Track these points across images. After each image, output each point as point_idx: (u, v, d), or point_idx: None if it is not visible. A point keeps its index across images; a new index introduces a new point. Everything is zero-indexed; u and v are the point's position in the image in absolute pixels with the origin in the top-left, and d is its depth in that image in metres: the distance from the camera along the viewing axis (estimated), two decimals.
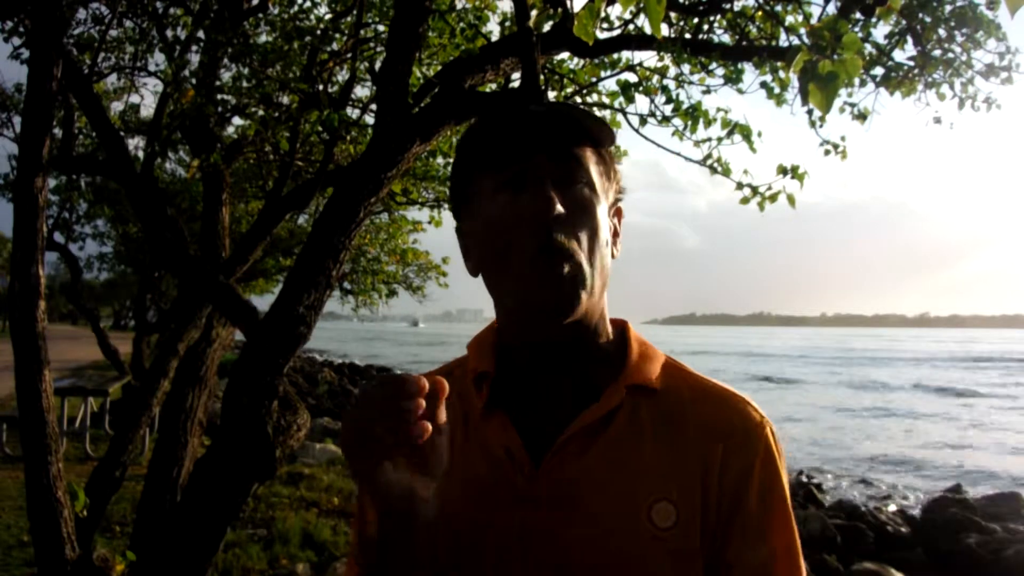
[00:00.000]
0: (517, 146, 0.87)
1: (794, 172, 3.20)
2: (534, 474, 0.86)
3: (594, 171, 0.90)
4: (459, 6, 4.13)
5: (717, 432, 0.87)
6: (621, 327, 0.97)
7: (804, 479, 11.81)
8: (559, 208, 0.84)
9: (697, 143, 3.46)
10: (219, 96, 4.10)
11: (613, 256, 0.93)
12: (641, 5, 3.20)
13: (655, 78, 3.74)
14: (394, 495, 0.76)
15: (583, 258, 0.86)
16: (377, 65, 3.90)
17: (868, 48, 3.34)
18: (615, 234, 0.95)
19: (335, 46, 4.12)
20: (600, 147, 0.92)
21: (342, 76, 4.41)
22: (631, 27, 3.60)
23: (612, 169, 0.94)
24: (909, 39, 3.24)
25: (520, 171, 0.87)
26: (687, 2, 3.60)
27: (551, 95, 4.02)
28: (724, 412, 0.89)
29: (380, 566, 0.81)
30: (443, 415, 0.76)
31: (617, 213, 0.96)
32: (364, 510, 0.97)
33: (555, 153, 0.88)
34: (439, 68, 4.00)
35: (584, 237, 0.87)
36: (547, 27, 2.95)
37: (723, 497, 0.84)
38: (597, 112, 4.19)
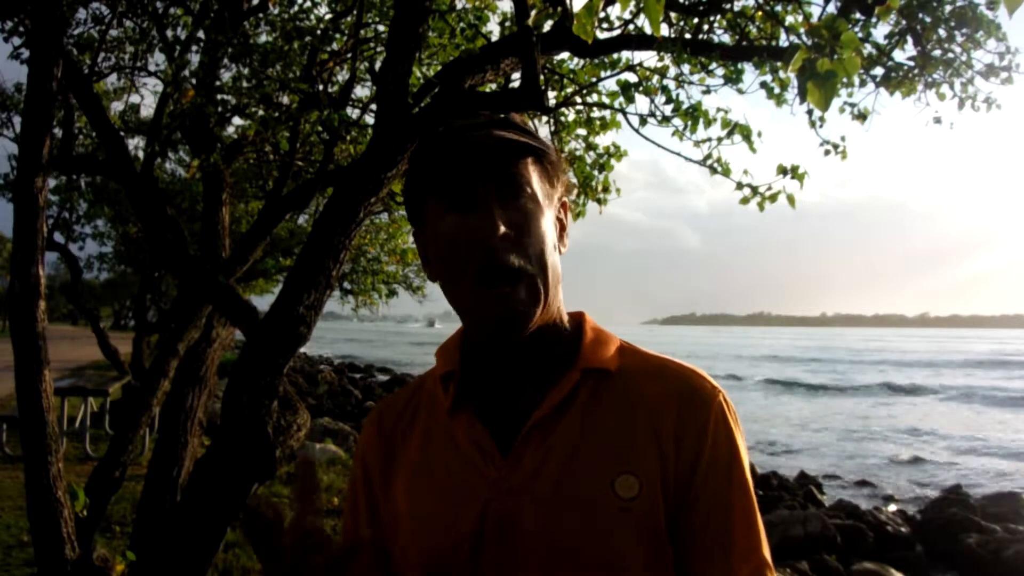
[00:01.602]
0: (460, 171, 0.92)
1: (794, 172, 3.21)
2: (503, 464, 0.91)
3: (536, 181, 0.95)
4: (459, 6, 4.13)
5: (670, 402, 0.92)
6: (578, 319, 1.02)
7: (804, 479, 11.81)
8: (503, 229, 0.89)
9: (697, 143, 3.46)
10: (219, 96, 4.10)
11: (561, 252, 0.98)
12: (640, 5, 3.20)
13: (655, 78, 3.74)
14: None
15: (535, 270, 0.91)
16: (377, 65, 3.90)
17: (868, 48, 3.33)
18: (562, 229, 1.00)
19: (335, 46, 4.12)
20: (541, 157, 0.96)
21: (342, 76, 4.41)
22: (631, 27, 3.60)
23: (556, 174, 0.99)
24: (909, 39, 3.24)
25: (465, 193, 0.92)
26: (687, 2, 3.60)
27: (551, 95, 4.02)
28: (676, 384, 0.94)
29: None
30: None
31: (563, 207, 1.02)
32: (353, 525, 1.03)
33: (496, 174, 0.92)
34: (439, 68, 4.00)
35: (531, 249, 0.92)
36: (547, 27, 2.95)
37: (681, 462, 0.90)
38: (597, 112, 4.20)
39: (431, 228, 0.97)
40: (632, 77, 3.70)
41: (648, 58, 3.71)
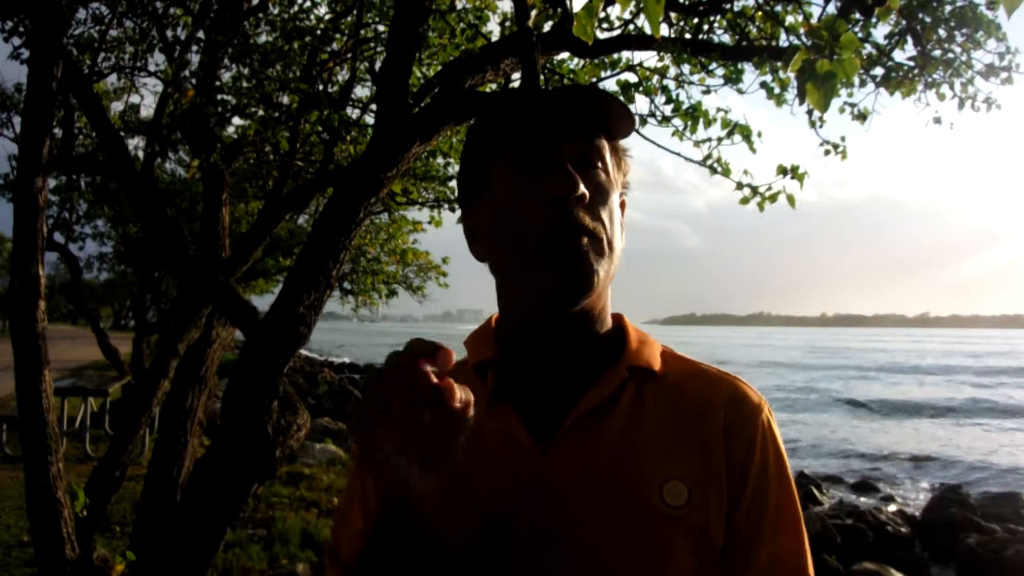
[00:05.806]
0: (539, 129, 0.87)
1: (794, 172, 3.21)
2: (540, 461, 0.85)
3: (609, 159, 0.91)
4: (459, 6, 4.13)
5: (717, 410, 0.88)
6: (618, 319, 0.98)
7: (804, 479, 11.81)
8: (582, 188, 0.84)
9: (697, 143, 3.46)
10: (219, 96, 4.10)
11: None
12: (640, 5, 3.20)
13: (655, 78, 3.74)
14: (391, 481, 0.68)
15: (603, 234, 0.86)
16: (377, 65, 3.90)
17: (868, 48, 3.34)
18: (621, 225, 0.95)
19: (335, 46, 4.12)
20: (614, 139, 0.92)
21: (342, 76, 4.41)
22: (631, 27, 3.60)
23: (623, 161, 0.95)
24: (909, 39, 3.24)
25: (541, 153, 0.87)
26: (687, 2, 3.60)
27: None
28: (723, 393, 0.90)
29: (361, 566, 0.76)
30: (464, 399, 0.68)
31: (622, 205, 0.96)
32: (350, 509, 0.96)
33: (576, 136, 0.88)
34: (439, 68, 4.00)
35: (604, 218, 0.87)
36: (547, 27, 2.95)
37: (730, 473, 0.86)
38: None
39: (495, 191, 0.90)
40: (632, 77, 3.71)
41: (648, 58, 3.72)
